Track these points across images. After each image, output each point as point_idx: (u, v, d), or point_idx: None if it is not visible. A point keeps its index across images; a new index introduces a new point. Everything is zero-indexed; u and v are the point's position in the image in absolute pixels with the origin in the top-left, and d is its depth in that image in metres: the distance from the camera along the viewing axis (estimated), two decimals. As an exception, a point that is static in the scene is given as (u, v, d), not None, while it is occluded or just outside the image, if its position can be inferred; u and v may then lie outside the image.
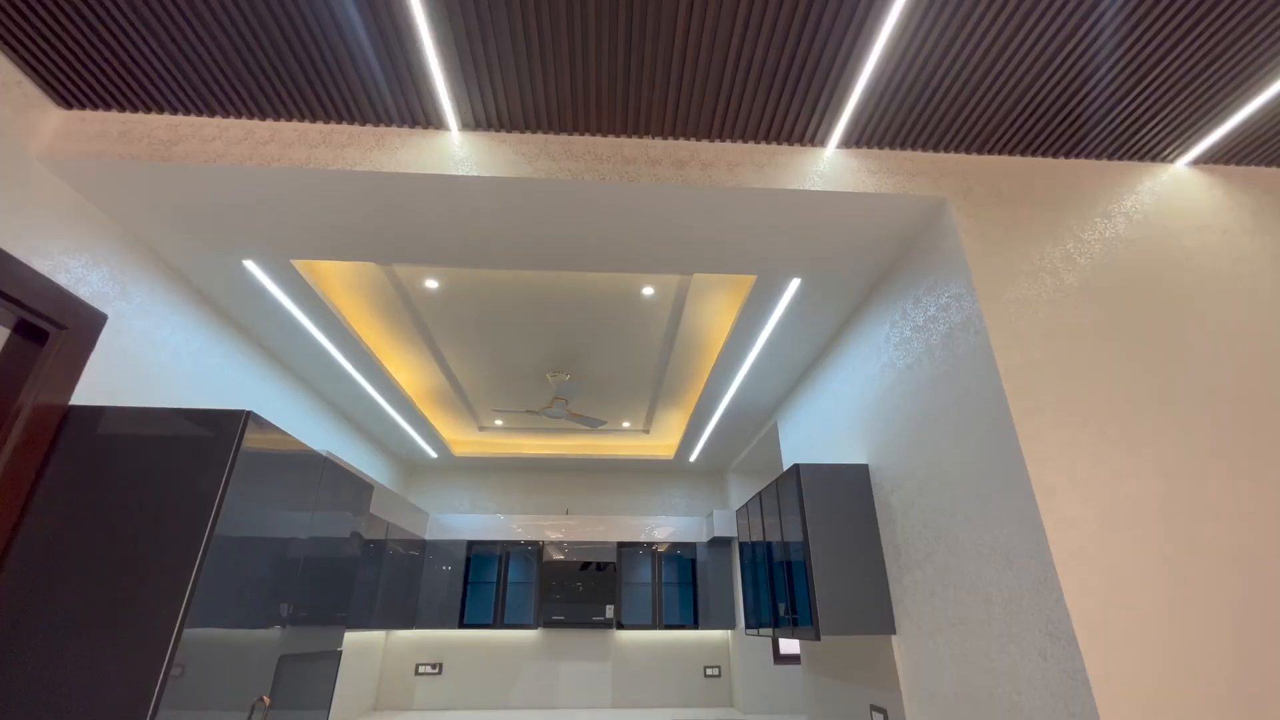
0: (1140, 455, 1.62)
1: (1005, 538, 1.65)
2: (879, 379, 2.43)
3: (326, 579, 2.54)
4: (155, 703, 1.59)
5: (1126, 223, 1.97)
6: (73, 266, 1.95)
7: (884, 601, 2.31)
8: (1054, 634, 1.47)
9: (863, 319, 2.61)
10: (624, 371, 3.74)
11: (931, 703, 2.00)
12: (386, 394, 3.76)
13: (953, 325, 1.92)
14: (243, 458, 1.91)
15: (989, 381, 1.74)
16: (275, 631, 2.15)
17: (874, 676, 2.39)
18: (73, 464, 1.84)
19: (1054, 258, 1.89)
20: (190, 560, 1.74)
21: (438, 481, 5.50)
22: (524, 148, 1.97)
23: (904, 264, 2.25)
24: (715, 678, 4.89)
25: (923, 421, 2.09)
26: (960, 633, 1.85)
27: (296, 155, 1.91)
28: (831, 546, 2.41)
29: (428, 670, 4.78)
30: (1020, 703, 1.58)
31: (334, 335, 2.99)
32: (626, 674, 4.86)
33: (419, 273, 2.71)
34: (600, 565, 4.89)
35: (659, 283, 2.80)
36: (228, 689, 1.90)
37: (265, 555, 2.08)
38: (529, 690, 4.77)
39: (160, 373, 2.32)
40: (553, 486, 5.55)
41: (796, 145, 2.05)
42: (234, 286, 2.52)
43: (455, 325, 3.17)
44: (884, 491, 2.38)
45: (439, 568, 4.81)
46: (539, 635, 4.95)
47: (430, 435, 4.61)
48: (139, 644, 1.64)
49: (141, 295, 2.23)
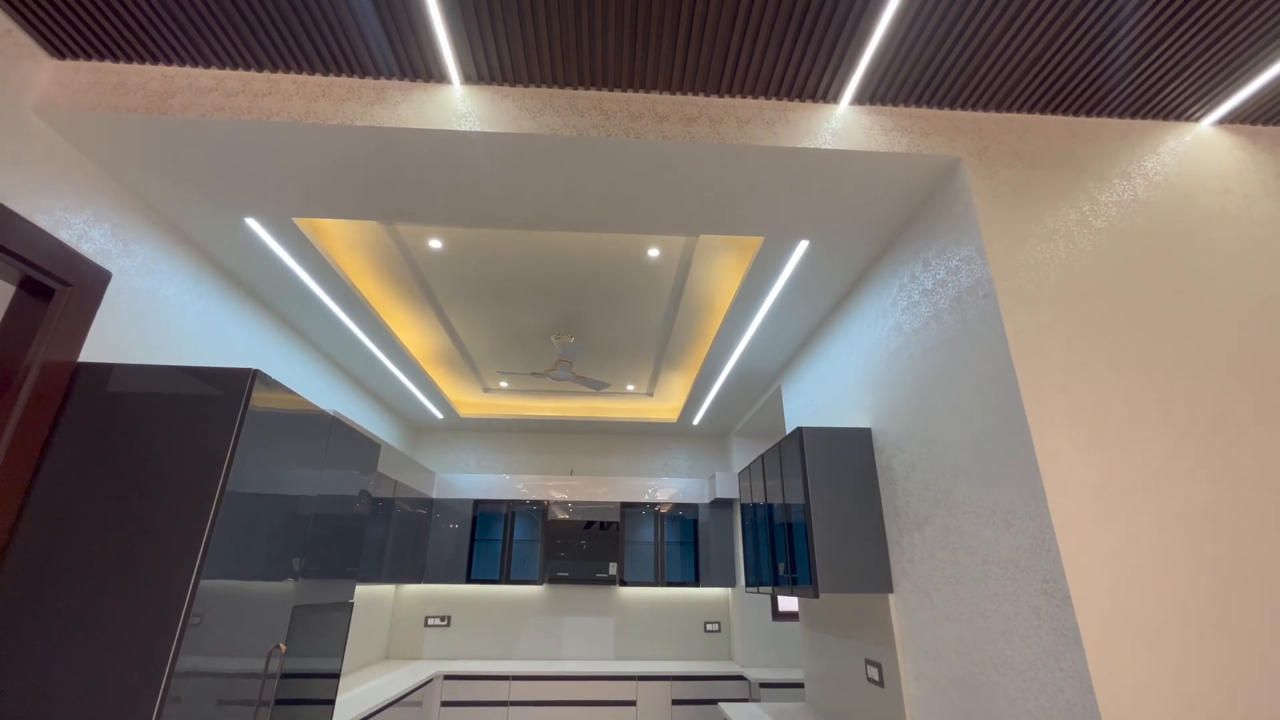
0: (1145, 421, 1.62)
1: (1006, 500, 1.67)
2: (885, 343, 2.42)
3: (337, 535, 2.60)
4: (175, 648, 1.65)
5: (1146, 185, 1.92)
6: (74, 223, 1.94)
7: (882, 561, 2.35)
8: (1049, 593, 1.50)
9: (870, 282, 2.58)
10: (628, 334, 3.73)
11: (925, 657, 2.06)
12: (392, 355, 3.77)
13: (962, 289, 1.90)
14: (251, 416, 1.93)
15: (996, 346, 1.72)
16: (289, 584, 2.21)
17: (870, 632, 2.46)
18: (84, 420, 1.86)
19: (1069, 221, 1.85)
20: (204, 515, 1.78)
21: (444, 442, 5.58)
22: (528, 102, 1.92)
23: (914, 226, 2.21)
24: (715, 633, 5.04)
25: (928, 385, 2.09)
26: (956, 591, 1.89)
27: (295, 109, 1.86)
28: (832, 508, 2.44)
29: (436, 622, 4.94)
30: (1012, 657, 1.62)
31: (338, 295, 2.98)
32: (629, 628, 5.01)
33: (422, 233, 2.68)
34: (604, 524, 4.99)
35: (664, 245, 2.77)
36: (245, 637, 1.96)
37: (276, 511, 2.12)
38: (535, 642, 4.93)
39: (166, 331, 2.33)
40: (557, 448, 5.62)
41: (809, 101, 1.99)
42: (236, 245, 2.50)
43: (460, 286, 3.15)
44: (886, 455, 2.40)
45: (446, 525, 4.92)
46: (544, 590, 5.09)
47: (436, 396, 4.64)
48: (158, 593, 1.69)
49: (144, 253, 2.22)
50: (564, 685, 4.27)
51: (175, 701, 1.67)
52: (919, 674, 2.09)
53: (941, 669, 1.96)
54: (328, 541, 2.51)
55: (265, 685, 2.06)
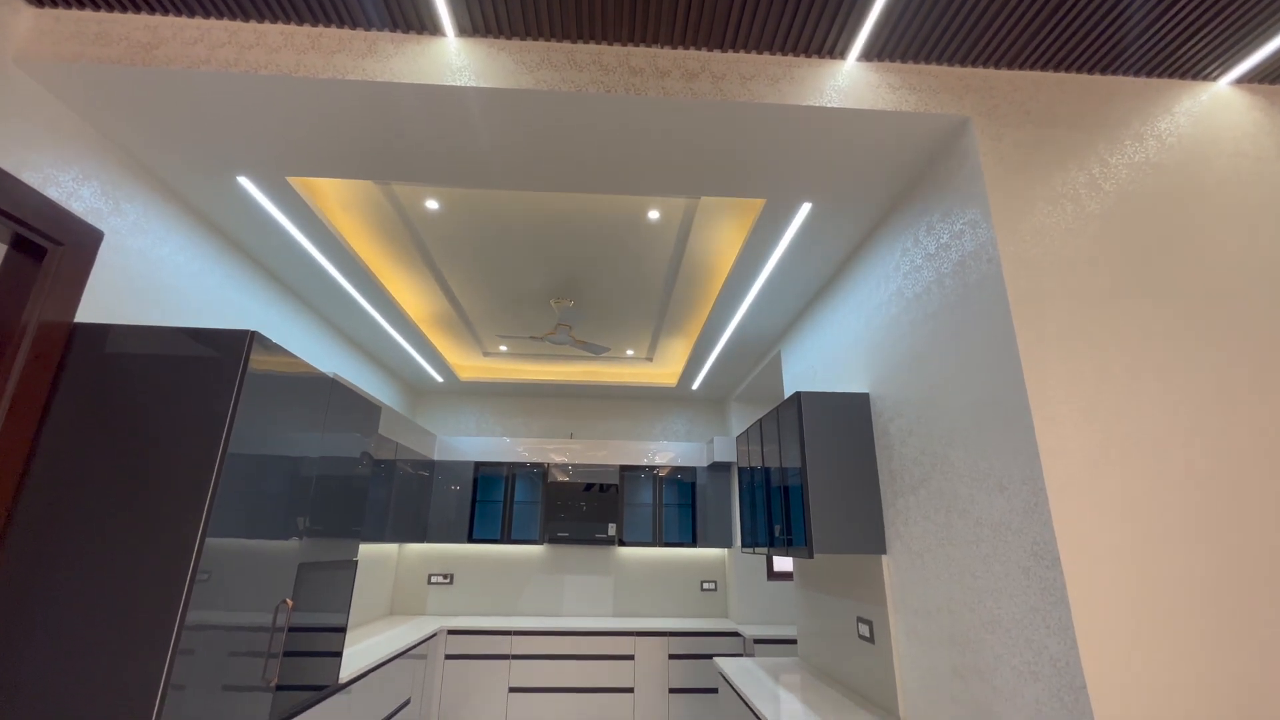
0: (1144, 388, 1.62)
1: (1001, 465, 1.69)
2: (886, 308, 2.40)
3: (339, 495, 2.63)
4: (185, 602, 1.69)
5: (1158, 146, 1.88)
6: (63, 180, 1.90)
7: (877, 523, 2.39)
8: (1039, 554, 1.53)
9: (873, 246, 2.55)
10: (628, 298, 3.71)
11: (915, 615, 2.11)
12: (390, 318, 3.75)
13: (965, 253, 1.88)
14: (250, 379, 1.94)
15: (998, 311, 1.71)
16: (294, 542, 2.26)
17: (862, 592, 2.52)
18: (83, 381, 1.86)
19: (1077, 183, 1.81)
20: (206, 476, 1.80)
21: (444, 405, 5.61)
22: (525, 56, 1.86)
23: (919, 189, 2.17)
24: (711, 591, 5.17)
25: (927, 351, 2.09)
26: (948, 553, 1.93)
27: (284, 61, 1.80)
28: (829, 471, 2.47)
29: (439, 580, 5.06)
30: (1000, 615, 1.67)
31: (334, 256, 2.95)
32: (627, 587, 5.14)
33: (419, 193, 2.64)
34: (603, 487, 5.07)
35: (665, 207, 2.72)
36: (253, 592, 2.01)
37: (279, 473, 2.15)
38: (535, 599, 5.07)
39: (161, 292, 2.31)
40: (557, 411, 5.66)
41: (814, 57, 1.92)
42: (229, 204, 2.46)
43: (457, 248, 3.12)
44: (883, 419, 2.41)
45: (448, 487, 4.99)
46: (544, 550, 5.20)
47: (435, 360, 4.65)
48: (166, 550, 1.73)
49: (136, 212, 2.18)
50: (564, 640, 4.41)
51: (188, 653, 1.72)
52: (909, 631, 2.16)
53: (931, 626, 2.01)
54: (331, 502, 2.55)
55: (274, 638, 2.12)
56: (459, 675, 4.28)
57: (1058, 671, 1.46)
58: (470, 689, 4.26)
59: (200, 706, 1.77)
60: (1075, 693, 1.40)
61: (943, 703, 1.93)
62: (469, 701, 4.23)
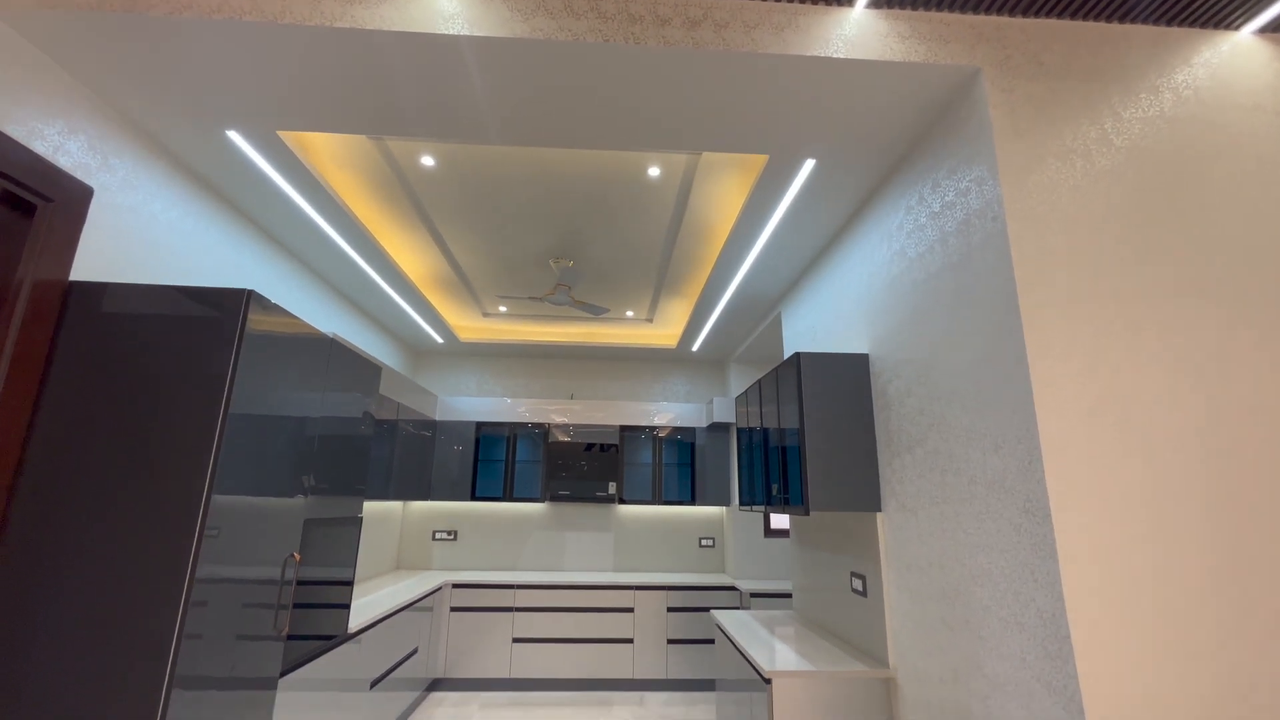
0: (1145, 347, 1.61)
1: (998, 425, 1.70)
2: (888, 268, 2.38)
3: (343, 454, 2.67)
4: (194, 557, 1.74)
5: (1174, 99, 1.82)
6: (48, 134, 1.85)
7: (872, 482, 2.43)
8: (1030, 511, 1.55)
9: (876, 205, 2.50)
10: (628, 258, 3.67)
11: (907, 570, 2.17)
12: (388, 278, 3.73)
13: (970, 211, 1.84)
14: (249, 339, 1.93)
15: (1001, 271, 1.69)
16: (299, 500, 2.30)
17: (857, 548, 2.58)
18: (82, 340, 1.86)
19: (1089, 138, 1.77)
20: (209, 436, 1.81)
21: (444, 366, 5.62)
22: (520, 2, 1.78)
23: (925, 144, 2.11)
24: (709, 548, 5.30)
25: (928, 311, 2.07)
26: (942, 510, 1.96)
27: (270, 7, 1.73)
28: (826, 431, 2.49)
29: (444, 536, 5.18)
30: (990, 569, 1.71)
31: (330, 214, 2.90)
32: (627, 543, 5.27)
33: (414, 148, 2.58)
34: (604, 447, 5.13)
35: (665, 163, 2.66)
36: (261, 548, 2.06)
37: (282, 432, 2.17)
38: (538, 555, 5.20)
39: (155, 251, 2.29)
40: (557, 372, 5.68)
41: (821, 4, 1.84)
42: (220, 160, 2.40)
43: (455, 206, 3.07)
44: (882, 380, 2.42)
45: (450, 447, 5.05)
46: (546, 508, 5.30)
47: (435, 320, 4.64)
48: (174, 508, 1.76)
49: (125, 168, 2.14)
50: (566, 594, 4.54)
51: (201, 605, 1.77)
52: (901, 585, 2.21)
53: (922, 580, 2.07)
54: (334, 460, 2.58)
55: (283, 591, 2.18)
56: (464, 626, 4.43)
57: (1043, 623, 1.50)
58: (475, 639, 4.41)
59: (216, 654, 1.84)
60: (1059, 643, 1.45)
61: (931, 652, 2.00)
62: (474, 651, 4.39)
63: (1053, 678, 1.47)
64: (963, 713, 1.82)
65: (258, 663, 2.06)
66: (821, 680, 2.26)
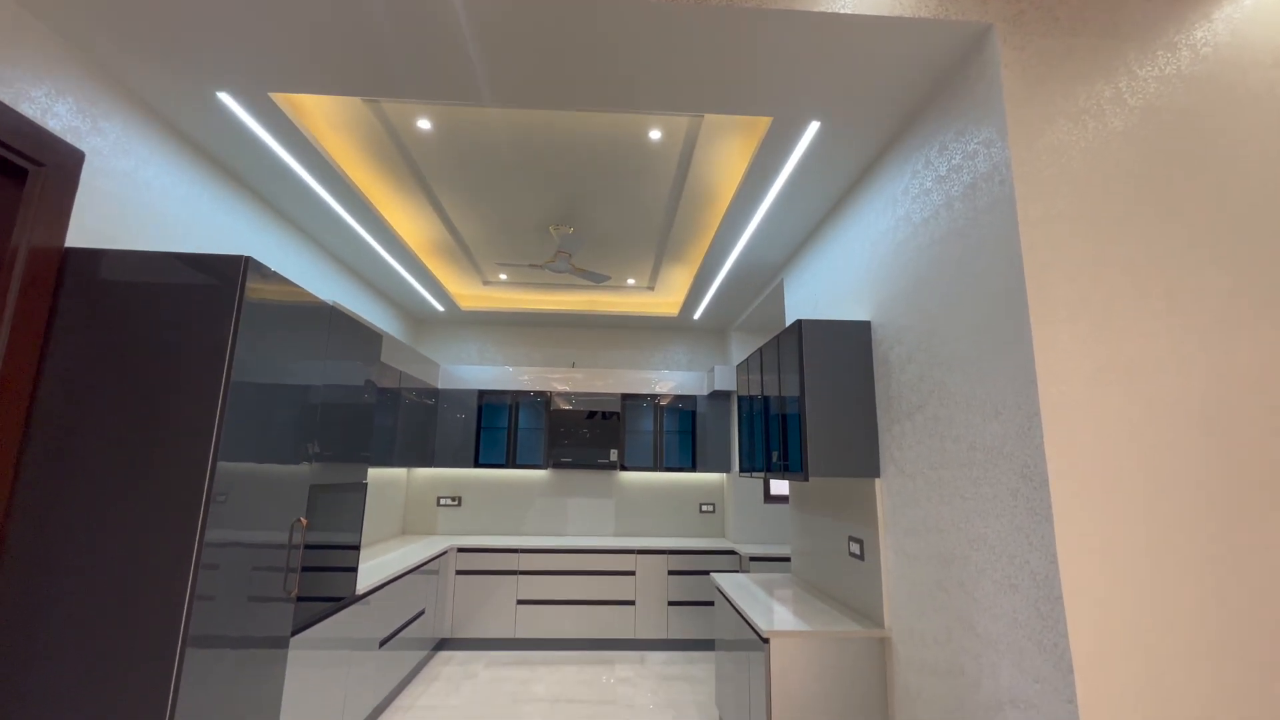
0: (1150, 311, 1.60)
1: (998, 391, 1.70)
2: (892, 233, 2.35)
3: (346, 422, 2.69)
4: (202, 522, 1.77)
5: (1191, 57, 1.76)
6: (35, 95, 1.81)
7: (872, 448, 2.45)
8: (1028, 476, 1.57)
9: (882, 169, 2.45)
10: (629, 225, 3.63)
11: (905, 534, 2.20)
12: (387, 245, 3.69)
13: (977, 175, 1.81)
14: (248, 307, 1.92)
15: (1007, 236, 1.67)
16: (304, 466, 2.33)
17: (855, 513, 2.61)
18: (81, 308, 1.85)
19: (1102, 97, 1.72)
20: (212, 404, 1.82)
21: (446, 334, 5.62)
22: (515, -45, 1.71)
23: (933, 106, 2.06)
24: (710, 513, 5.38)
25: (932, 278, 2.05)
26: (940, 476, 1.98)
27: (256, -39, 1.67)
28: (827, 398, 2.50)
29: (448, 502, 5.26)
30: (986, 534, 1.73)
31: (326, 179, 2.86)
32: (629, 509, 5.35)
33: (410, 112, 2.52)
34: (605, 415, 5.16)
35: (667, 126, 2.60)
36: (268, 513, 2.09)
37: (285, 400, 2.18)
38: (540, 520, 5.29)
39: (150, 217, 2.26)
40: (559, 340, 5.68)
41: (829, -45, 1.77)
42: (211, 123, 2.36)
43: (453, 172, 3.02)
44: (883, 347, 2.42)
45: (453, 415, 5.09)
46: (549, 475, 5.37)
47: (435, 288, 4.61)
48: (181, 474, 1.78)
49: (115, 131, 2.10)
50: (569, 558, 4.63)
51: (213, 568, 1.81)
52: (898, 549, 2.25)
53: (919, 544, 2.10)
54: (337, 428, 2.61)
55: (291, 554, 2.23)
56: (469, 589, 4.53)
57: (1036, 584, 1.53)
58: (480, 601, 4.52)
59: (228, 614, 1.89)
60: (1051, 603, 1.47)
61: (925, 613, 2.04)
62: (480, 612, 4.50)
63: (1043, 636, 1.50)
64: (955, 670, 1.87)
65: (269, 623, 2.12)
66: (818, 640, 2.32)
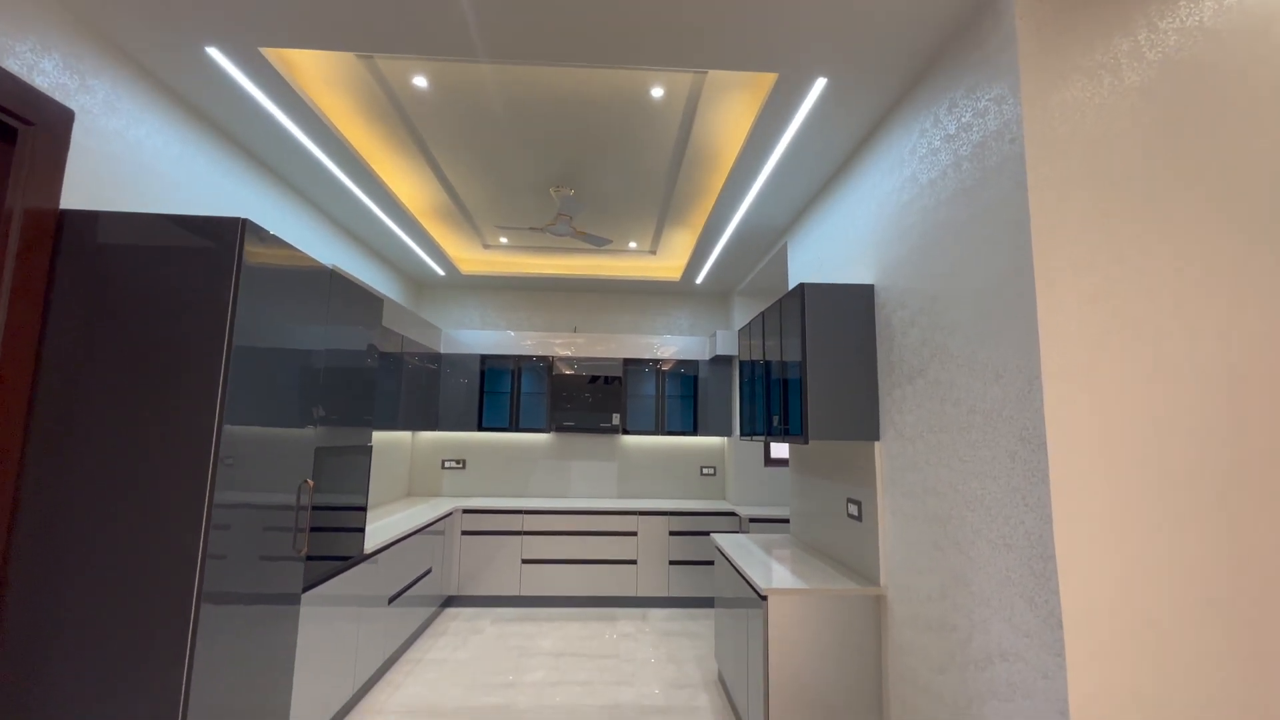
0: (1157, 276, 1.58)
1: (1000, 354, 1.69)
2: (898, 195, 2.31)
3: (349, 386, 2.70)
4: (210, 483, 1.80)
5: (1215, 8, 1.69)
6: (20, 51, 1.76)
7: (872, 412, 2.46)
8: (1026, 439, 1.58)
9: (889, 128, 2.40)
10: (630, 186, 3.57)
11: (903, 496, 2.23)
12: (385, 207, 3.64)
13: (987, 133, 1.76)
14: (248, 271, 1.91)
15: (1015, 196, 1.64)
16: (309, 430, 2.35)
17: (854, 475, 2.65)
18: (80, 271, 1.84)
19: (1120, 51, 1.66)
20: (215, 369, 1.83)
21: (447, 299, 5.60)
22: (511, -102, 1.64)
23: (944, 61, 2.00)
24: (711, 476, 5.46)
25: (937, 239, 2.03)
26: (939, 439, 2.00)
27: (240, -94, 1.60)
28: (828, 362, 2.50)
29: (453, 465, 5.34)
30: (983, 495, 1.76)
31: (320, 139, 2.80)
32: (631, 471, 5.42)
33: (405, 68, 2.45)
34: (607, 379, 5.18)
35: (669, 84, 2.53)
36: (275, 475, 2.13)
37: (287, 364, 2.19)
38: (544, 482, 5.37)
39: (144, 178, 2.23)
40: (561, 305, 5.66)
41: (840, -102, 1.69)
42: (201, 80, 2.30)
43: (451, 131, 2.95)
44: (886, 310, 2.40)
45: (456, 379, 5.11)
46: (551, 438, 5.43)
47: (435, 252, 4.57)
48: (188, 439, 1.80)
49: (104, 89, 2.05)
50: (572, 519, 4.72)
51: (224, 528, 1.85)
52: (895, 510, 2.29)
53: (916, 506, 2.13)
54: (341, 392, 2.62)
55: (299, 515, 2.27)
56: (475, 549, 4.64)
57: (1030, 544, 1.56)
58: (486, 560, 4.63)
59: (241, 572, 1.94)
60: (1044, 561, 1.51)
61: (920, 571, 2.09)
62: (485, 571, 4.62)
63: (1034, 593, 1.54)
64: (947, 626, 1.92)
65: (281, 580, 2.18)
66: (815, 597, 2.38)
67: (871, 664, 2.37)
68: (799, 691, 2.33)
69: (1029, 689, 1.55)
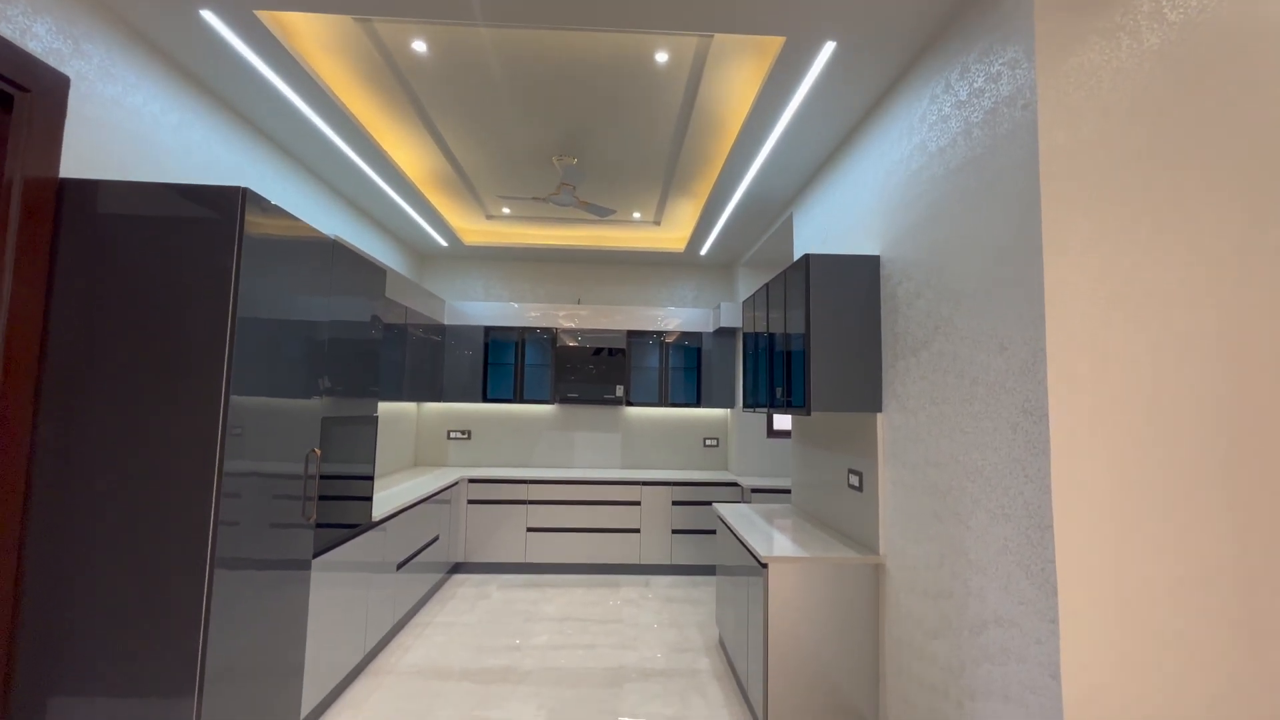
0: (1167, 245, 1.56)
1: (1005, 325, 1.68)
2: (906, 163, 2.27)
3: (354, 357, 2.72)
4: (220, 453, 1.82)
5: (1241, -35, 1.63)
6: (11, 14, 1.73)
7: (875, 384, 2.46)
8: (1028, 410, 1.58)
9: (899, 94, 2.34)
10: (634, 155, 3.51)
11: (904, 467, 2.25)
12: (386, 176, 3.60)
13: (999, 99, 1.72)
14: (249, 241, 1.91)
15: (1026, 165, 1.61)
16: (316, 400, 2.37)
17: (856, 447, 2.66)
18: (82, 240, 1.84)
19: (1140, 11, 1.60)
20: (221, 340, 1.84)
21: (450, 270, 5.58)
22: None
23: (957, 24, 1.94)
24: (714, 447, 5.50)
25: (944, 211, 2.00)
26: (942, 410, 2.00)
27: None
28: (832, 333, 2.49)
29: (458, 436, 5.40)
30: (983, 466, 1.77)
31: (319, 105, 2.76)
32: (634, 443, 5.47)
33: (403, 32, 2.39)
34: (611, 351, 5.19)
35: (674, 48, 2.47)
36: (283, 445, 2.16)
37: (291, 335, 2.19)
38: (548, 453, 5.43)
39: (142, 147, 2.21)
40: (565, 276, 5.64)
41: None
42: (196, 44, 2.25)
43: (451, 98, 2.90)
44: (892, 282, 2.38)
45: (460, 351, 5.13)
46: (556, 409, 5.47)
47: (437, 222, 4.54)
48: (195, 410, 1.82)
49: (99, 54, 2.01)
50: (576, 489, 4.79)
51: (235, 497, 1.89)
52: (896, 481, 2.31)
53: (917, 476, 2.15)
54: (346, 363, 2.64)
55: (308, 484, 2.31)
56: (481, 517, 4.72)
57: (1029, 514, 1.57)
58: (491, 528, 4.72)
59: (252, 539, 1.99)
60: (1041, 531, 1.52)
61: (919, 540, 2.12)
62: (491, 538, 4.71)
63: (1031, 562, 1.56)
64: (944, 593, 1.95)
65: (291, 547, 2.23)
66: (814, 565, 2.42)
67: (869, 629, 2.42)
68: (798, 656, 2.39)
69: (1022, 653, 1.59)
